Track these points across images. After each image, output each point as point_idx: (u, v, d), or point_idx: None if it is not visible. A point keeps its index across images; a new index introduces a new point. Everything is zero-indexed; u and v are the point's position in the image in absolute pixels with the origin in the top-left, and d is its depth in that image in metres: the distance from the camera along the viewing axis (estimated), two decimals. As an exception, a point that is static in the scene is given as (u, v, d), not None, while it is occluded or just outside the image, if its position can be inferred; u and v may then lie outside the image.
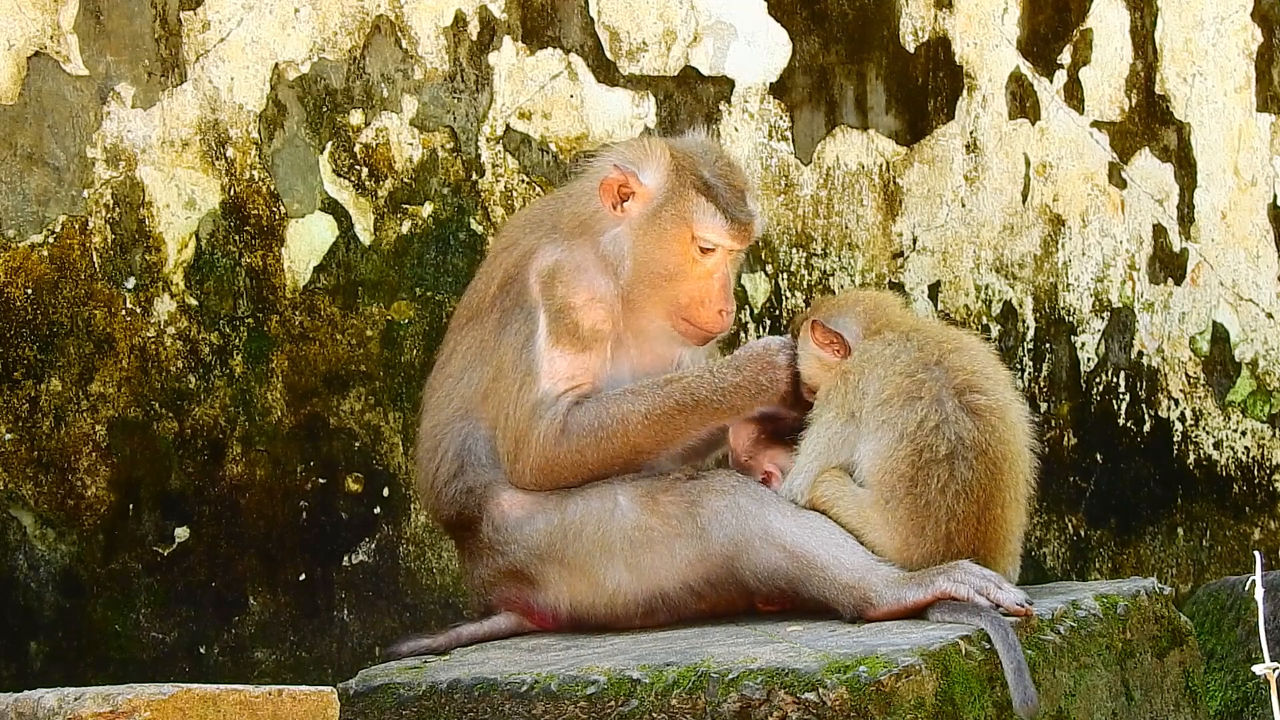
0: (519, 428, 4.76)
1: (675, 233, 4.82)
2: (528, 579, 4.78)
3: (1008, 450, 4.52)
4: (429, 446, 4.91)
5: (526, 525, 4.75)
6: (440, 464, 4.87)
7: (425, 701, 4.42)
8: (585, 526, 4.69)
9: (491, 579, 4.83)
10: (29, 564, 5.40)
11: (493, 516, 4.79)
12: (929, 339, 4.60)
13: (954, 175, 6.41)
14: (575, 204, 4.91)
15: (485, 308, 4.90)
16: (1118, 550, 6.56)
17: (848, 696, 4.06)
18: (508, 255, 4.92)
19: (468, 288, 5.05)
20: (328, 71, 5.71)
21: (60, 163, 5.46)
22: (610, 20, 6.00)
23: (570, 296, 4.82)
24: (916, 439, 4.46)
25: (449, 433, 4.87)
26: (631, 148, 4.92)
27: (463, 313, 5.00)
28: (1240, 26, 6.80)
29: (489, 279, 4.94)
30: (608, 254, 4.85)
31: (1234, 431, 6.75)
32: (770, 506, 4.60)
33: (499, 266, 4.93)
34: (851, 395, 4.59)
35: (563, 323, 4.81)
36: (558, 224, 4.90)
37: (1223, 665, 5.33)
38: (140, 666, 5.44)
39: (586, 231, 4.87)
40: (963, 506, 4.46)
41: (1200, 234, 6.72)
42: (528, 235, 4.92)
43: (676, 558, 4.65)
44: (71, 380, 5.44)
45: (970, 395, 4.51)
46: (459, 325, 4.98)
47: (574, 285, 4.82)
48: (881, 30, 6.32)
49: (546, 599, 4.77)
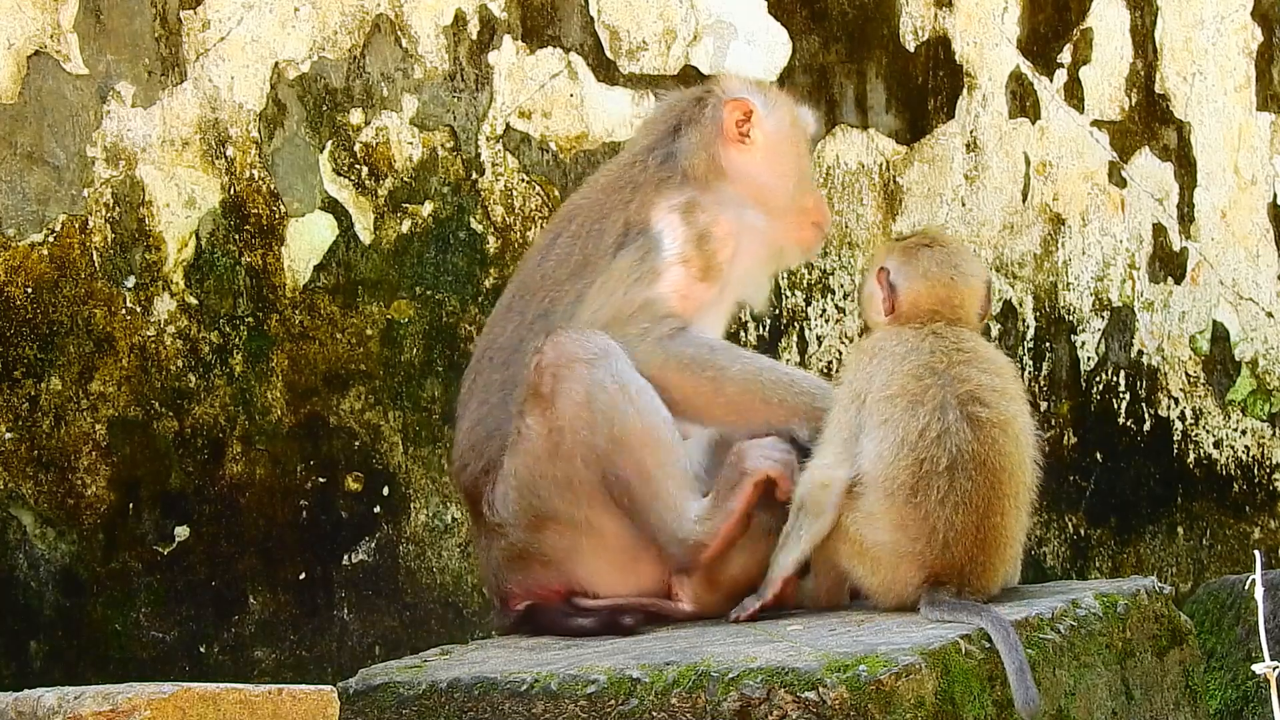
0: (617, 312, 4.75)
1: (798, 136, 5.02)
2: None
3: (1007, 462, 4.52)
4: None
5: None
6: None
7: (425, 700, 4.42)
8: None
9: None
10: (29, 563, 5.40)
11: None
12: (944, 346, 4.58)
13: (954, 174, 6.41)
14: (688, 144, 4.96)
15: (603, 262, 4.87)
16: (1118, 549, 6.56)
17: (848, 695, 4.06)
18: (619, 213, 4.89)
19: (537, 258, 4.95)
20: (328, 70, 5.71)
21: (60, 162, 5.47)
22: (610, 19, 6.00)
23: (714, 226, 4.85)
24: (918, 449, 4.47)
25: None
26: (725, 81, 5.06)
27: (556, 271, 4.90)
28: (1240, 25, 6.80)
29: (594, 235, 4.88)
30: (740, 186, 4.94)
31: (1234, 431, 6.75)
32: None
33: (610, 225, 4.89)
34: (860, 378, 4.58)
35: (701, 249, 4.83)
36: (673, 168, 4.93)
37: (1223, 664, 5.33)
38: (140, 665, 5.44)
39: (715, 169, 4.94)
40: (961, 518, 4.46)
41: (1200, 233, 6.72)
42: (635, 190, 4.91)
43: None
44: (71, 379, 5.44)
45: (973, 407, 4.50)
46: (551, 281, 4.90)
47: (719, 216, 4.87)
48: (881, 29, 6.32)
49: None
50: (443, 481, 5.74)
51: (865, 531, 4.53)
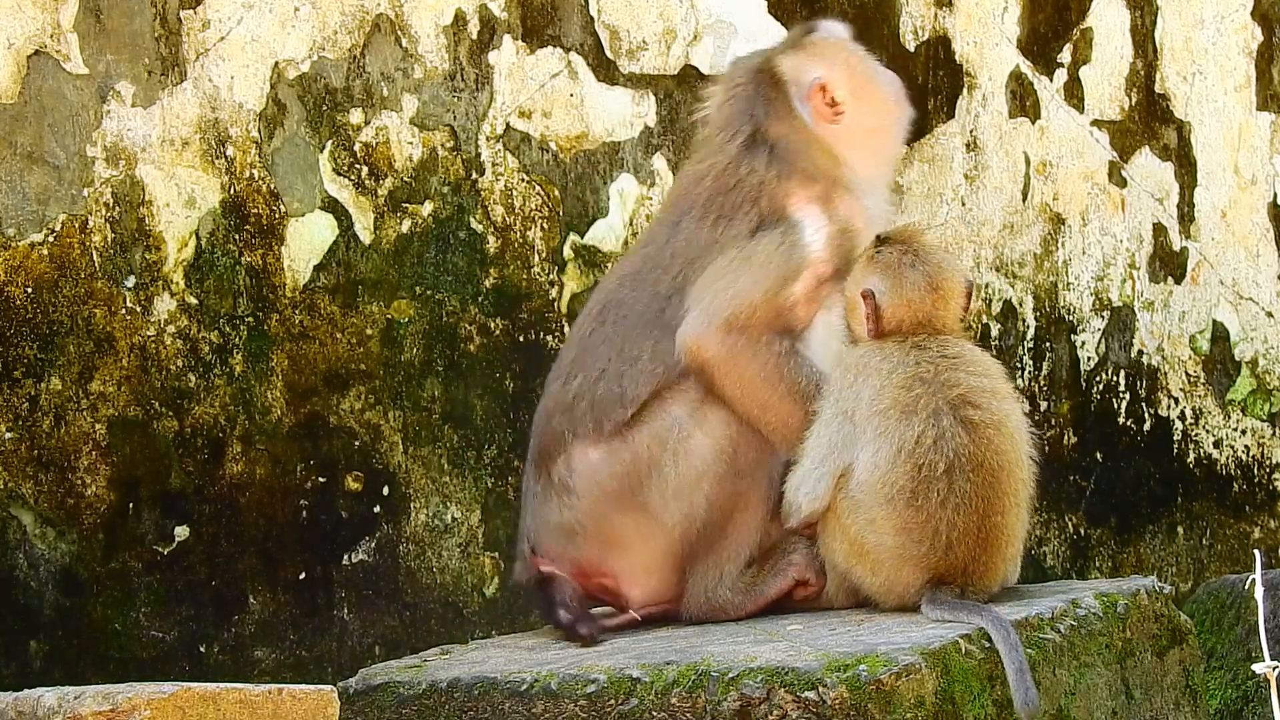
0: (743, 303, 4.73)
1: (881, 93, 5.00)
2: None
3: (1004, 460, 4.54)
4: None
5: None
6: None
7: (425, 700, 4.42)
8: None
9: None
10: (29, 563, 5.40)
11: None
12: (928, 356, 4.60)
13: (954, 174, 6.41)
14: (799, 142, 4.91)
15: (735, 246, 4.83)
16: (1118, 549, 6.56)
17: (848, 695, 4.06)
18: (750, 203, 4.85)
19: (664, 233, 4.94)
20: (328, 70, 5.71)
21: (60, 161, 5.46)
22: (610, 19, 6.00)
23: (853, 219, 4.84)
24: (915, 455, 4.49)
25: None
26: (794, 54, 4.99)
27: (689, 248, 4.87)
28: (1240, 25, 6.80)
29: (730, 220, 4.85)
30: (855, 167, 4.91)
31: (1234, 430, 6.75)
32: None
33: (741, 217, 4.86)
34: (847, 395, 4.60)
35: (842, 241, 4.81)
36: (807, 170, 4.88)
37: (1223, 664, 5.33)
38: (140, 665, 5.44)
39: (828, 156, 4.89)
40: (962, 518, 4.48)
41: (1200, 233, 6.72)
42: (764, 184, 4.87)
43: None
44: (71, 379, 5.44)
45: (966, 410, 4.52)
46: (680, 260, 4.87)
47: (853, 207, 4.86)
48: (881, 29, 6.32)
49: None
50: (443, 481, 5.74)
51: (867, 535, 4.54)
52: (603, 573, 4.79)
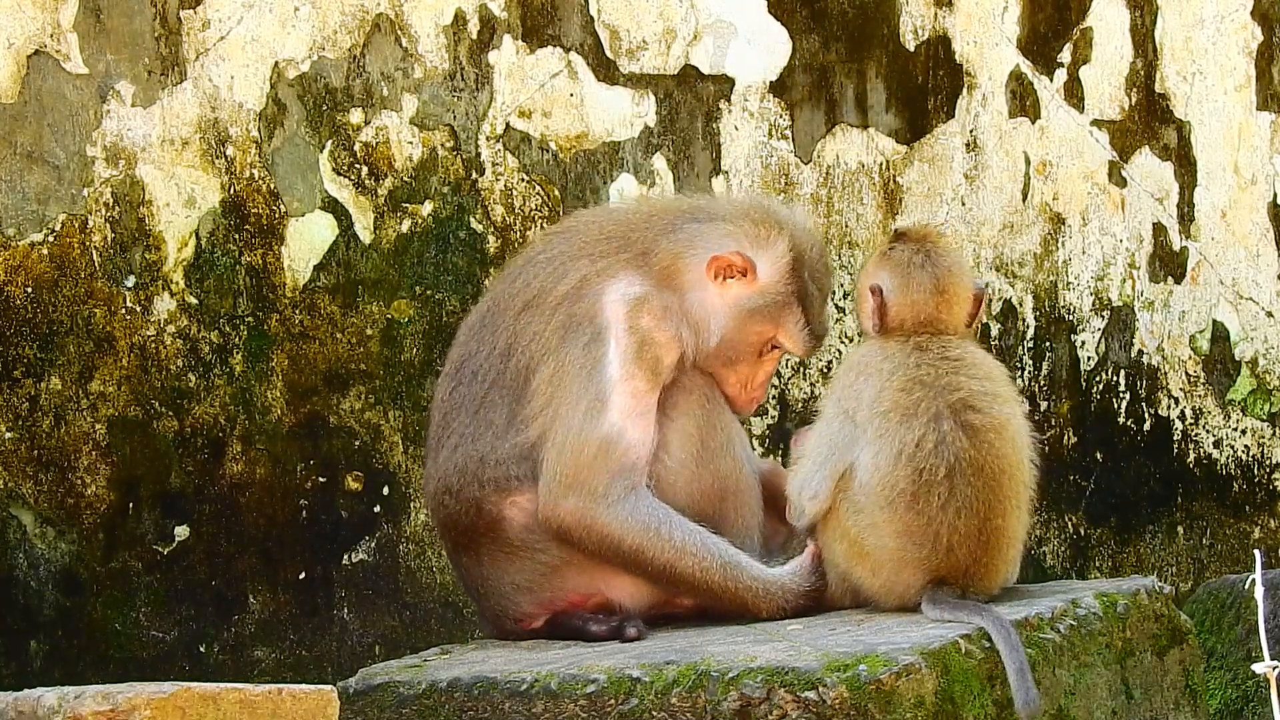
0: (578, 459, 4.71)
1: (760, 329, 4.85)
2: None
3: (1005, 464, 4.54)
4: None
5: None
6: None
7: (425, 700, 4.42)
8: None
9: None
10: (29, 563, 5.40)
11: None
12: (929, 358, 4.59)
13: (954, 174, 6.41)
14: (673, 248, 4.85)
15: (551, 303, 4.82)
16: (1118, 549, 6.56)
17: (848, 695, 4.06)
18: (586, 263, 4.83)
19: (516, 272, 4.91)
20: (328, 70, 5.71)
21: (60, 161, 5.46)
22: (610, 19, 6.00)
23: (656, 332, 4.77)
24: (916, 459, 4.48)
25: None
26: (756, 228, 4.87)
27: (516, 298, 4.88)
28: (1240, 25, 6.80)
29: (557, 274, 4.85)
30: (691, 311, 4.82)
31: (1234, 430, 6.75)
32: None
33: (574, 269, 4.84)
34: (849, 394, 4.60)
35: (644, 356, 4.76)
36: (648, 258, 4.84)
37: (1223, 664, 5.33)
38: (140, 665, 5.44)
39: (676, 280, 4.83)
40: (964, 522, 4.48)
41: (1200, 232, 6.72)
42: (609, 253, 4.85)
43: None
44: (71, 379, 5.44)
45: (967, 414, 4.52)
46: (511, 309, 4.86)
47: (662, 323, 4.79)
48: (882, 29, 6.32)
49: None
50: (443, 481, 5.74)
51: (867, 537, 4.54)
52: (601, 591, 4.79)
